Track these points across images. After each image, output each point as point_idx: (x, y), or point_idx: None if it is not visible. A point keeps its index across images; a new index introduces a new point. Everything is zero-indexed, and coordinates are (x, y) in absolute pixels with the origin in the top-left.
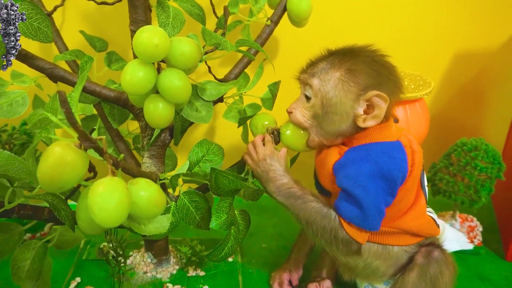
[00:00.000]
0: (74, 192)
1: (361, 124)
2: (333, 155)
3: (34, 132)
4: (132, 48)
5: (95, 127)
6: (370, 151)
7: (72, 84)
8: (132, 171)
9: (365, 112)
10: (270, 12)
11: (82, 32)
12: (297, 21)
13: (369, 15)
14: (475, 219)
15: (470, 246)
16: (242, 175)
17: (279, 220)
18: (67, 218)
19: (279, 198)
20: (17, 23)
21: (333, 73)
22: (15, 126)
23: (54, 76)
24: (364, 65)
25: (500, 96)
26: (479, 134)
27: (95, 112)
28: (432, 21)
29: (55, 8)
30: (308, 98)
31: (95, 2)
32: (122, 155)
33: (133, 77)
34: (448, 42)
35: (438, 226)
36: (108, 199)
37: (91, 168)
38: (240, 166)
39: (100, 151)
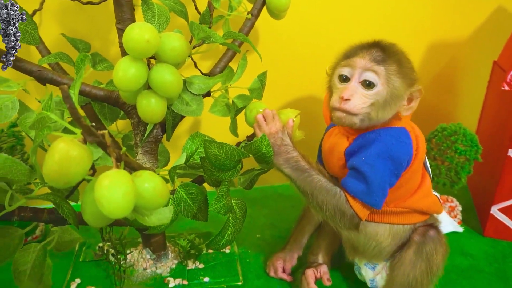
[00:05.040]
0: (73, 191)
1: (402, 113)
2: (343, 143)
3: (22, 135)
4: (120, 46)
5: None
6: (380, 134)
7: (61, 85)
8: (133, 165)
9: (406, 103)
10: (249, 6)
11: (63, 34)
12: (276, 13)
13: (344, 10)
14: (455, 199)
15: (460, 229)
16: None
17: (270, 211)
18: (70, 215)
19: (286, 170)
20: (17, 23)
21: (393, 64)
22: (3, 129)
23: (43, 78)
24: (407, 61)
25: (471, 83)
26: (453, 120)
27: (82, 113)
28: (404, 15)
29: (34, 12)
30: (370, 86)
31: (81, 2)
32: (124, 148)
33: (126, 73)
34: (420, 35)
35: (441, 204)
36: (115, 191)
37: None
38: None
39: (103, 146)
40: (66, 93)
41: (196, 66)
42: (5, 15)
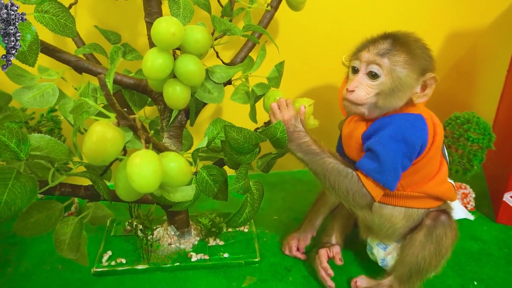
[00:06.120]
0: (106, 170)
1: (416, 100)
2: (361, 127)
3: (59, 119)
4: (148, 38)
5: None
6: (395, 118)
7: (96, 74)
8: (160, 147)
9: (420, 91)
10: None
11: (96, 26)
12: (294, 5)
13: (362, 0)
14: (468, 186)
15: (471, 217)
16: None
17: (287, 195)
18: (104, 191)
19: (299, 154)
20: (17, 23)
21: (400, 55)
22: (43, 113)
23: (79, 67)
24: (421, 51)
25: (490, 73)
26: (471, 108)
27: None
28: (424, 3)
29: (70, 6)
30: (375, 77)
31: None
32: (152, 131)
33: (154, 63)
34: (439, 23)
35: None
36: (145, 168)
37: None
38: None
39: (134, 128)
40: (103, 81)
41: (218, 56)
42: (5, 15)
